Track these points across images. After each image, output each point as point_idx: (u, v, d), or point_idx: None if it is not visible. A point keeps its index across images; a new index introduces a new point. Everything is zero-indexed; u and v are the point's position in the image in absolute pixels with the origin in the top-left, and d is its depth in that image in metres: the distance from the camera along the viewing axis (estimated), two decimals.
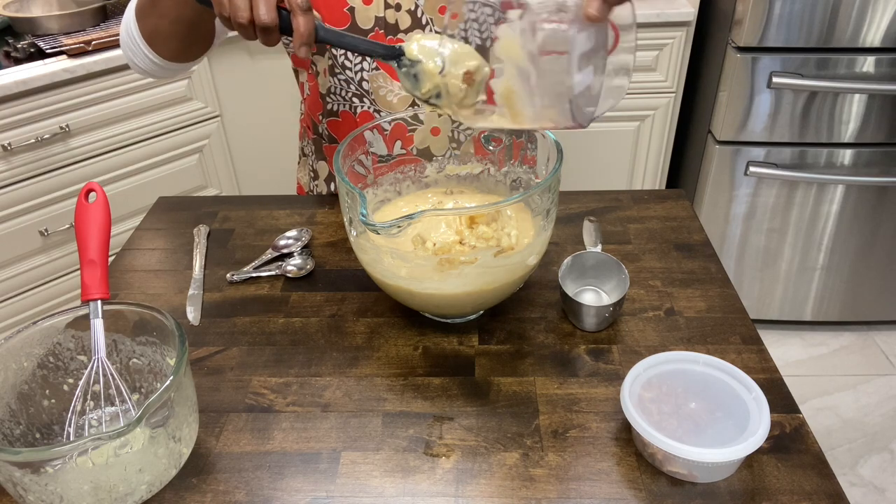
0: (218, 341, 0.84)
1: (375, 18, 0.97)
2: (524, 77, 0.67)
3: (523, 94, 0.68)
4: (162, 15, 0.88)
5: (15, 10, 1.84)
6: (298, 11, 0.68)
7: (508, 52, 0.67)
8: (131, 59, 0.95)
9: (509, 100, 0.70)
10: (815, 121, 1.77)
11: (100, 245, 0.69)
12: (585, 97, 0.69)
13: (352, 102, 1.04)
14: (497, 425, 0.72)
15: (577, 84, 0.65)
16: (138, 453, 0.61)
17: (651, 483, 0.65)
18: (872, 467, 1.75)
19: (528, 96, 0.68)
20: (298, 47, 0.69)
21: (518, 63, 0.67)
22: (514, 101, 0.70)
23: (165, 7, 0.87)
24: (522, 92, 0.68)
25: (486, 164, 0.92)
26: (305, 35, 0.68)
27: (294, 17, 0.68)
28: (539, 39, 0.65)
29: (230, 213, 1.08)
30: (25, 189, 1.69)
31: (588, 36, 0.65)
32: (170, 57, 0.94)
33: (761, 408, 0.65)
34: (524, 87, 0.68)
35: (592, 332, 0.83)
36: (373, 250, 0.77)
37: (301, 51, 0.69)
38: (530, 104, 0.69)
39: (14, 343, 0.67)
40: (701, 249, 0.96)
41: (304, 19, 0.68)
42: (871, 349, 2.09)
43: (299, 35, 0.68)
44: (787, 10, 1.64)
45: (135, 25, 0.91)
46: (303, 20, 0.68)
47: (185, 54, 0.95)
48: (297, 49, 0.69)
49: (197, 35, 0.92)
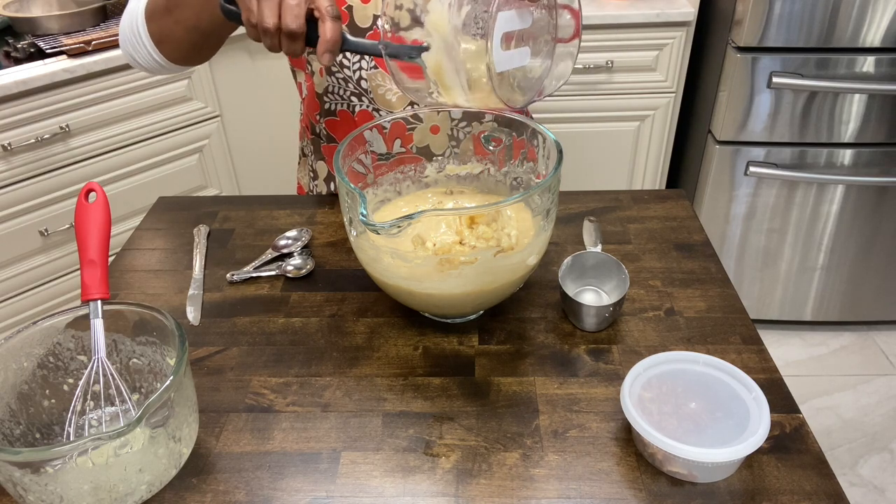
0: (218, 341, 0.84)
1: (373, 17, 0.97)
2: (449, 51, 0.66)
3: (449, 68, 0.67)
4: (178, 21, 0.87)
5: (15, 10, 1.84)
6: (327, 17, 0.68)
7: (436, 26, 0.67)
8: (131, 55, 0.95)
9: (439, 75, 0.69)
10: (815, 121, 1.77)
11: (100, 245, 0.69)
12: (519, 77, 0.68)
13: (350, 101, 1.04)
14: (497, 425, 0.72)
15: (500, 63, 0.64)
16: (138, 453, 0.61)
17: (651, 483, 0.65)
18: (872, 467, 1.75)
19: (454, 71, 0.67)
20: (322, 54, 0.69)
21: (445, 37, 0.66)
22: (442, 76, 0.69)
23: (184, 14, 0.86)
24: (448, 66, 0.67)
25: (486, 164, 0.92)
26: (331, 42, 0.68)
27: (322, 24, 0.68)
28: (463, 14, 0.65)
29: (230, 213, 1.08)
30: (25, 189, 1.69)
31: (516, 15, 0.64)
32: (177, 60, 0.94)
33: (761, 408, 0.65)
34: (449, 60, 0.67)
35: (592, 332, 0.83)
36: (373, 250, 0.77)
37: (325, 58, 0.69)
38: (457, 79, 0.67)
39: (14, 343, 0.67)
40: (701, 249, 0.96)
41: (332, 25, 0.68)
42: (871, 349, 2.09)
43: (325, 42, 0.68)
44: (787, 10, 1.64)
45: (143, 24, 0.90)
46: (330, 27, 0.68)
47: (193, 59, 0.95)
48: (320, 56, 0.69)
49: (210, 43, 0.92)
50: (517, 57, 0.67)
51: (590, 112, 2.03)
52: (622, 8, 1.87)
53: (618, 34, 1.88)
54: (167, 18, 0.88)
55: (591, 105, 2.01)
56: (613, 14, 1.84)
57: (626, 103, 2.01)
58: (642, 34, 1.89)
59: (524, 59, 0.67)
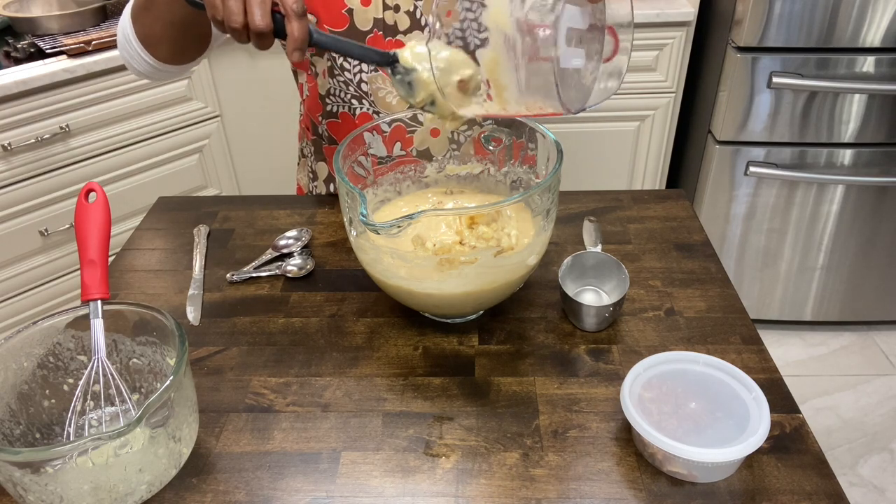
0: (218, 341, 0.84)
1: (374, 20, 0.97)
2: (510, 46, 0.64)
3: (508, 64, 0.66)
4: (156, 17, 0.88)
5: (15, 10, 1.84)
6: (293, 16, 0.68)
7: (496, 19, 0.65)
8: (128, 62, 0.95)
9: (494, 72, 0.67)
10: (815, 121, 1.77)
11: (100, 245, 0.69)
12: (574, 81, 0.67)
13: (351, 104, 1.04)
14: (497, 425, 0.72)
15: (564, 58, 0.62)
16: (138, 453, 0.61)
17: (651, 483, 0.65)
18: (872, 467, 1.75)
19: (513, 67, 0.65)
20: (291, 52, 0.69)
21: (505, 31, 0.64)
22: (498, 74, 0.67)
23: (159, 10, 0.87)
24: (507, 62, 0.66)
25: (486, 164, 0.92)
26: (299, 40, 0.68)
27: (288, 22, 0.68)
28: (528, 5, 0.64)
29: (230, 213, 1.08)
30: (25, 189, 1.69)
31: (580, 13, 0.63)
32: (165, 59, 0.94)
33: (761, 408, 0.65)
34: (509, 56, 0.65)
35: (592, 332, 0.83)
36: (373, 250, 0.77)
37: (294, 55, 0.69)
38: (514, 75, 0.66)
39: (14, 343, 0.67)
40: (701, 249, 0.96)
41: (297, 24, 0.68)
42: (871, 349, 2.09)
43: (293, 40, 0.68)
44: (787, 10, 1.64)
45: (130, 28, 0.91)
46: (297, 25, 0.68)
47: (181, 56, 0.95)
48: (289, 54, 0.69)
49: (192, 37, 0.92)
50: (576, 57, 0.65)
51: (590, 112, 2.02)
52: None
53: None
54: (147, 17, 0.89)
55: None
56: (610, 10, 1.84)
57: (626, 103, 2.01)
58: (642, 34, 1.89)
59: (580, 61, 0.66)
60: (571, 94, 0.66)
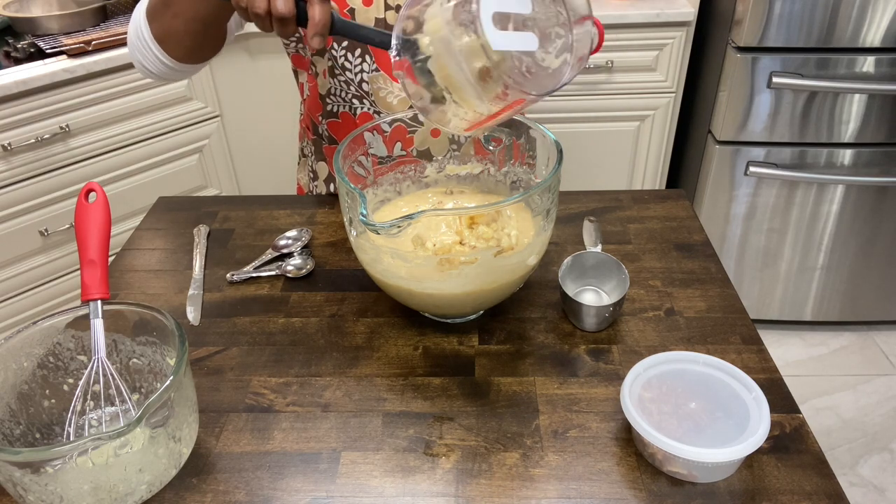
0: (218, 341, 0.84)
1: (375, 20, 0.97)
2: (446, 46, 0.64)
3: (452, 65, 0.65)
4: (176, 14, 0.87)
5: (15, 10, 1.84)
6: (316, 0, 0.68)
7: (432, 29, 0.65)
8: (140, 63, 0.95)
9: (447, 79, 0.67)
10: (815, 121, 1.77)
11: (100, 245, 0.69)
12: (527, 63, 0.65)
13: (351, 104, 1.04)
14: (497, 425, 0.72)
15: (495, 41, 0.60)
16: (138, 453, 0.61)
17: (651, 483, 0.65)
18: (872, 467, 1.75)
19: (457, 66, 0.64)
20: (312, 37, 0.69)
21: (440, 35, 0.64)
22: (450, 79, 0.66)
23: (181, 6, 0.86)
24: (451, 64, 0.65)
25: (486, 164, 0.92)
26: (320, 24, 0.68)
27: (310, 6, 0.68)
28: (451, 4, 0.63)
29: (230, 213, 1.08)
30: (25, 189, 1.69)
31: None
32: (181, 58, 0.93)
33: (761, 408, 0.65)
34: (449, 57, 0.64)
35: (592, 332, 0.83)
36: (373, 250, 0.77)
37: (314, 41, 0.69)
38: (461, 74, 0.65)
39: (14, 343, 0.67)
40: (701, 249, 0.96)
41: (320, 8, 0.68)
42: (871, 349, 2.09)
43: (314, 24, 0.68)
44: (787, 10, 1.64)
45: (146, 26, 0.91)
46: (319, 9, 0.68)
47: (197, 55, 0.95)
48: (309, 38, 0.69)
49: (210, 34, 0.92)
50: (518, 40, 0.65)
51: (590, 112, 2.03)
52: (622, 8, 1.87)
53: (618, 34, 1.88)
54: (166, 14, 0.88)
55: (591, 105, 2.01)
56: (613, 14, 1.84)
57: (626, 103, 2.01)
58: (642, 34, 1.89)
59: (528, 44, 0.65)
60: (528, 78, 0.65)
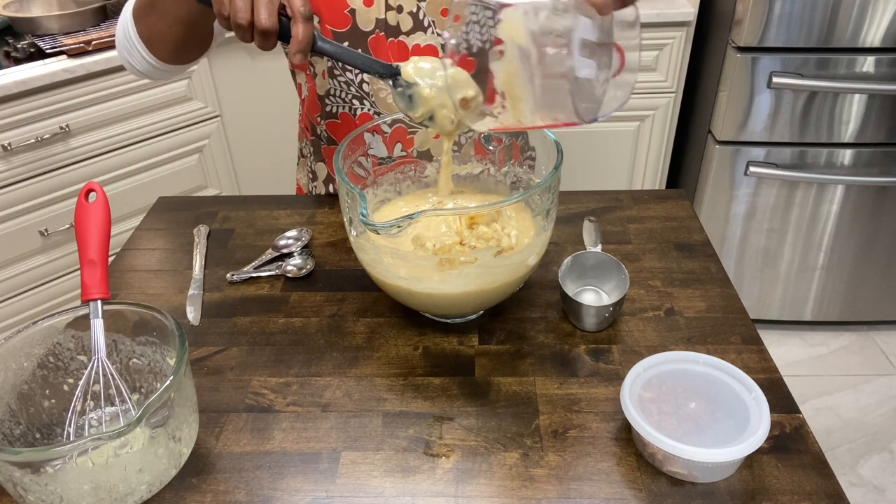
0: (218, 341, 0.84)
1: (376, 20, 0.97)
2: (525, 57, 0.65)
3: (523, 75, 0.67)
4: (161, 16, 0.88)
5: (15, 10, 1.84)
6: (300, 18, 0.68)
7: (511, 33, 0.66)
8: (127, 61, 0.95)
9: (510, 84, 0.68)
10: (815, 121, 1.77)
11: (100, 245, 0.69)
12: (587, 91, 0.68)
13: (351, 104, 1.04)
14: (497, 425, 0.72)
15: (579, 68, 0.63)
16: (138, 453, 0.61)
17: (651, 483, 0.65)
18: (872, 467, 1.75)
19: (529, 78, 0.66)
20: (294, 54, 0.69)
21: (519, 43, 0.65)
22: (514, 85, 0.68)
23: (164, 8, 0.87)
24: (523, 73, 0.67)
25: (486, 164, 0.92)
26: (303, 43, 0.69)
27: (294, 24, 0.68)
28: (542, 18, 0.64)
29: (230, 213, 1.08)
30: (25, 189, 1.69)
31: (592, 25, 0.64)
32: (167, 59, 0.94)
33: (761, 408, 0.65)
34: (525, 67, 0.66)
35: (592, 332, 0.83)
36: (373, 250, 0.77)
37: (296, 58, 0.70)
38: (530, 86, 0.67)
39: (14, 343, 0.67)
40: (701, 249, 0.96)
41: (303, 27, 0.68)
42: (871, 349, 2.09)
43: (297, 42, 0.69)
44: (787, 10, 1.64)
45: (132, 27, 0.91)
46: (302, 27, 0.68)
47: (183, 56, 0.95)
48: (292, 56, 0.70)
49: (195, 36, 0.92)
50: (589, 67, 0.66)
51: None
52: None
53: None
54: (152, 15, 0.89)
55: None
56: None
57: None
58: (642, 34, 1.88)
59: (593, 71, 0.67)
60: (584, 104, 0.67)
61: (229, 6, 0.69)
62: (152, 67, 0.94)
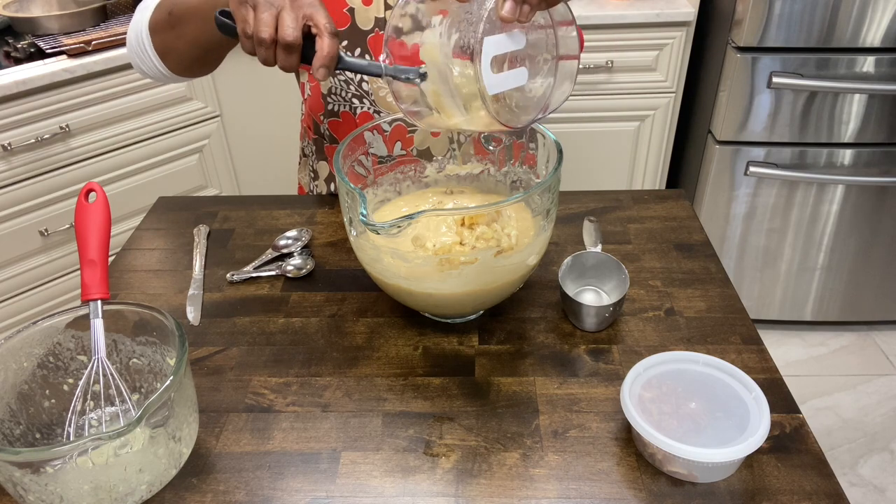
0: (218, 341, 0.84)
1: (375, 19, 0.97)
2: (443, 79, 0.67)
3: (446, 96, 0.68)
4: (180, 36, 0.89)
5: (15, 10, 1.84)
6: (325, 33, 0.68)
7: (429, 56, 0.68)
8: (137, 65, 0.96)
9: (438, 103, 0.70)
10: (815, 121, 1.77)
11: (100, 245, 0.69)
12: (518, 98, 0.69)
13: (351, 103, 1.04)
14: (497, 425, 0.72)
15: (491, 86, 0.65)
16: (138, 453, 0.61)
17: (651, 483, 0.65)
18: (872, 467, 1.75)
19: (451, 98, 0.68)
20: (318, 69, 0.69)
21: (437, 65, 0.67)
22: (441, 104, 0.70)
23: (186, 31, 0.88)
24: (445, 94, 0.68)
25: (486, 164, 0.92)
26: (328, 57, 0.68)
27: (320, 38, 0.68)
28: (452, 42, 0.66)
29: (230, 213, 1.08)
30: (25, 189, 1.69)
31: (506, 39, 0.65)
32: (179, 72, 0.96)
33: (761, 408, 0.65)
34: (445, 89, 0.68)
35: (592, 332, 0.83)
36: (373, 250, 0.77)
37: (319, 73, 0.69)
38: (454, 105, 0.68)
39: (14, 343, 0.67)
40: (701, 249, 0.96)
41: (329, 41, 0.68)
42: (871, 349, 2.09)
43: (322, 56, 0.68)
44: (787, 10, 1.64)
45: (147, 37, 0.92)
46: (328, 42, 0.68)
47: (196, 71, 0.97)
48: (315, 70, 0.69)
49: (212, 58, 0.95)
50: (511, 78, 0.67)
51: (590, 112, 2.03)
52: (622, 8, 1.87)
53: (618, 34, 1.88)
54: (170, 33, 0.90)
55: (591, 105, 2.01)
56: (613, 14, 1.84)
57: (626, 103, 2.01)
58: (642, 34, 1.89)
59: (520, 79, 0.68)
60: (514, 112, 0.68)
61: (253, 24, 0.69)
62: (163, 75, 0.96)
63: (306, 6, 0.69)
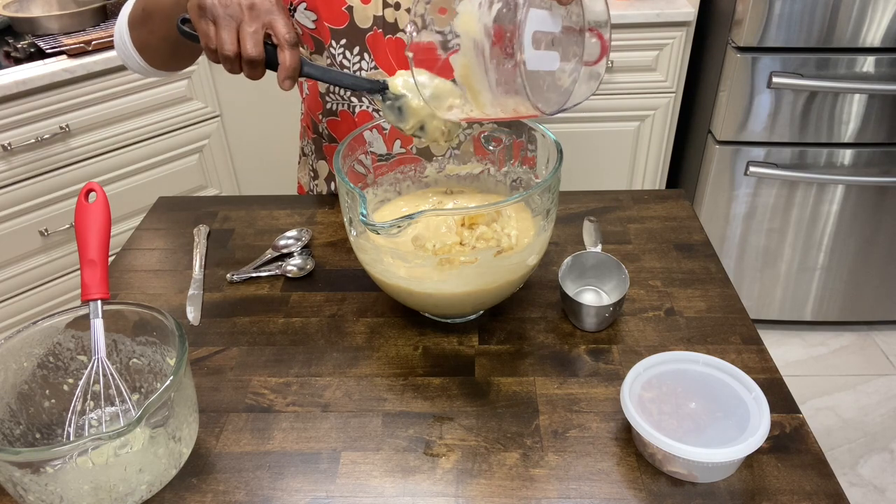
0: (218, 341, 0.84)
1: (374, 17, 0.97)
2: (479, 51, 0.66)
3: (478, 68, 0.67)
4: (151, 31, 0.91)
5: (15, 10, 1.84)
6: (286, 45, 0.70)
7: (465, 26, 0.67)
8: (123, 59, 0.99)
9: (467, 77, 0.69)
10: (815, 121, 1.77)
11: (100, 245, 0.69)
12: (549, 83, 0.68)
13: (350, 102, 1.04)
14: (497, 425, 0.72)
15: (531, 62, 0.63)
16: (138, 453, 0.61)
17: (651, 483, 0.65)
18: (872, 467, 1.75)
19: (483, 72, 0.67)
20: (283, 80, 0.71)
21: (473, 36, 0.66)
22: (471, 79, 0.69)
23: (155, 25, 0.90)
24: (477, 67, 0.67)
25: (486, 164, 0.92)
26: (291, 69, 0.70)
27: (280, 51, 0.70)
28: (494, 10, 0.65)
29: (230, 213, 1.08)
30: (25, 189, 1.69)
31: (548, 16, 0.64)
32: (159, 66, 0.98)
33: (761, 408, 0.65)
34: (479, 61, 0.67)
35: (592, 332, 0.83)
36: (373, 250, 0.77)
37: (285, 84, 0.72)
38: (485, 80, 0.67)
39: (14, 343, 0.67)
40: (701, 249, 0.96)
41: (290, 53, 0.70)
42: (871, 349, 2.09)
43: (285, 69, 0.70)
44: (787, 10, 1.64)
45: (127, 32, 0.95)
46: (289, 54, 0.70)
47: (173, 65, 0.99)
48: (281, 82, 0.72)
49: (183, 52, 0.96)
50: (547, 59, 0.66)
51: (590, 112, 2.03)
52: (622, 8, 1.87)
53: (618, 34, 1.88)
54: (143, 28, 0.92)
55: (591, 105, 2.01)
56: (613, 14, 1.84)
57: (626, 103, 2.01)
58: (642, 34, 1.89)
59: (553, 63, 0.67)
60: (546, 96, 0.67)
61: (216, 40, 0.70)
62: (143, 69, 0.98)
63: (264, 14, 0.70)
